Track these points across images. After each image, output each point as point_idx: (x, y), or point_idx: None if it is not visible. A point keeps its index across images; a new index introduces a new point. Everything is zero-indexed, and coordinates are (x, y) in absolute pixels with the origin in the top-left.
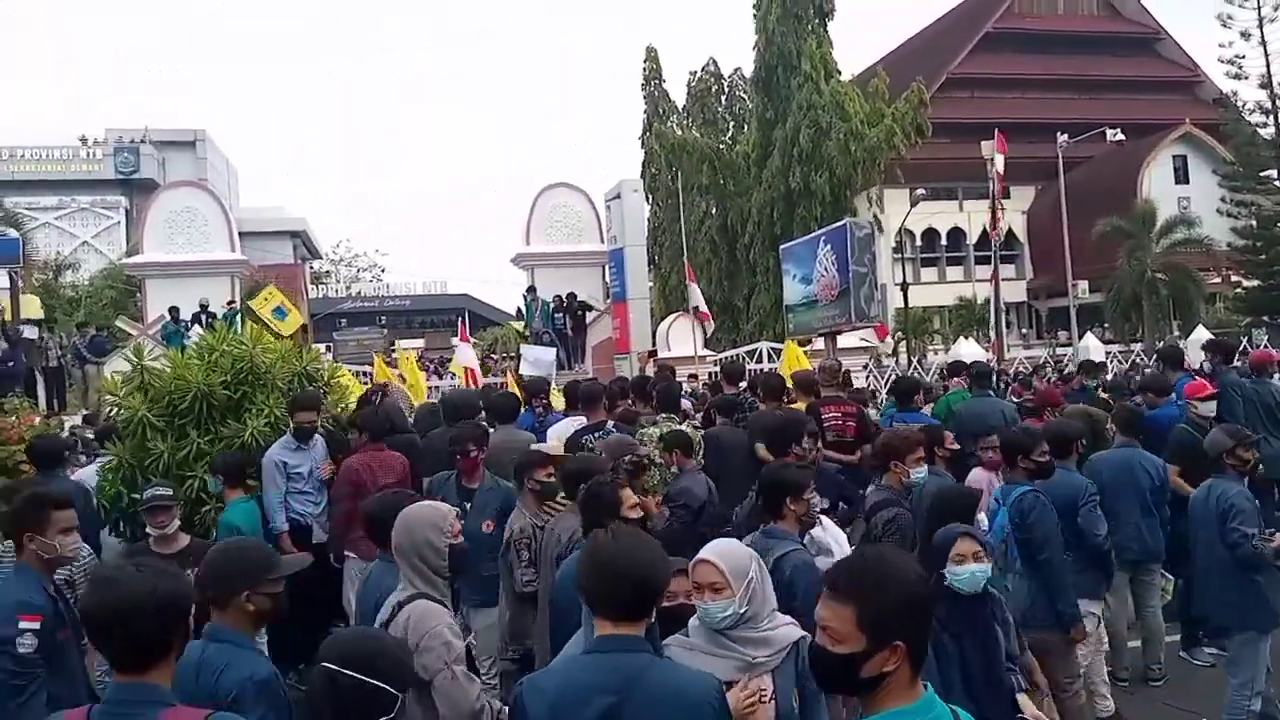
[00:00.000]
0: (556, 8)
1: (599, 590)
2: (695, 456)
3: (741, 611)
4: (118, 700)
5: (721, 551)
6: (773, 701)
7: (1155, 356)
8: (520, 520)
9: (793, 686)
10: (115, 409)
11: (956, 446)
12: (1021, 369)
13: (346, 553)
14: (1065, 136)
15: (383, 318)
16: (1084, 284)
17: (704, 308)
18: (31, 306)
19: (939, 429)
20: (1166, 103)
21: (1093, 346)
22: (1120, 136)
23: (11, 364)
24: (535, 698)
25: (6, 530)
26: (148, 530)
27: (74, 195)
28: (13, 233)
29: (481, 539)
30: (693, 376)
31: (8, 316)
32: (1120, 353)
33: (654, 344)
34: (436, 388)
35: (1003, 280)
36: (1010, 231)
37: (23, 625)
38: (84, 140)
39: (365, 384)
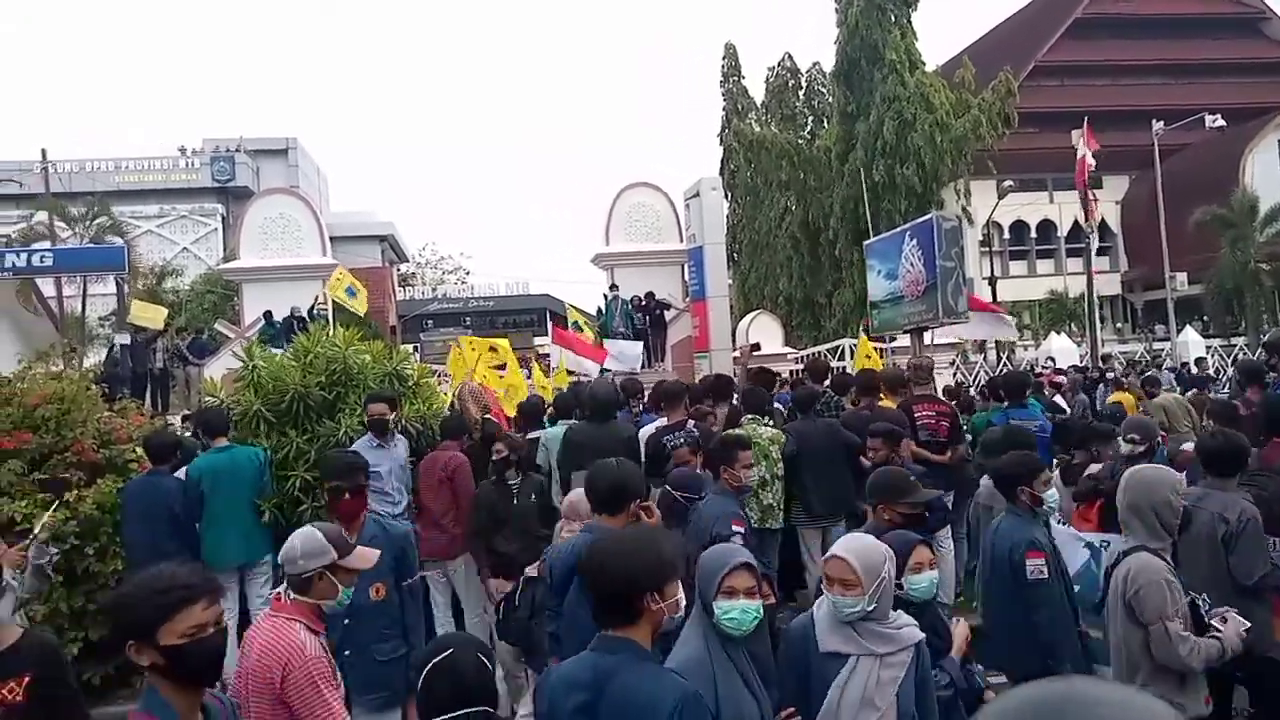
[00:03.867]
0: (636, 7)
1: (584, 594)
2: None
3: (870, 609)
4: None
5: (857, 549)
6: (894, 704)
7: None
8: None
9: (913, 687)
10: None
11: None
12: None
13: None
14: (1161, 123)
15: (467, 319)
16: (1182, 276)
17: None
18: (157, 316)
19: None
20: (1272, 85)
21: (1192, 341)
22: (1220, 122)
23: (117, 367)
24: (544, 685)
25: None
26: None
27: (174, 204)
28: (119, 241)
29: (373, 611)
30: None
31: (135, 319)
32: (1221, 347)
33: (734, 342)
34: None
35: (1096, 273)
36: (1104, 222)
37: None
38: (183, 150)
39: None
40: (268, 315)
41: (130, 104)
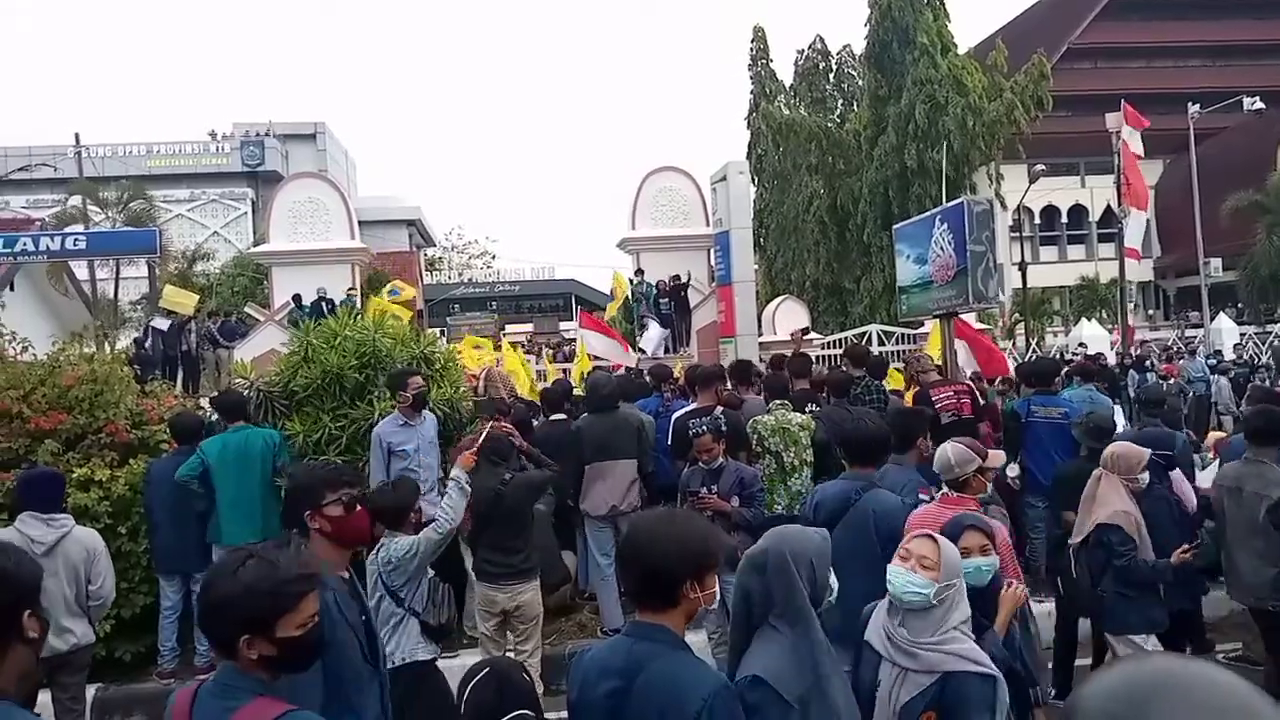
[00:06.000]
0: None
1: (621, 576)
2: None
3: (933, 602)
4: (222, 682)
5: (948, 544)
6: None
7: None
8: None
9: (922, 709)
10: (249, 390)
11: None
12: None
13: None
14: (1197, 106)
15: (493, 303)
16: (1216, 262)
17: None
18: (188, 302)
19: None
20: None
21: (1225, 328)
22: (1259, 105)
23: (142, 349)
24: (576, 670)
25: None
26: None
27: (204, 188)
28: (152, 224)
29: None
30: None
31: (164, 303)
32: (1256, 334)
33: (759, 328)
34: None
35: (1132, 256)
36: None
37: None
38: (213, 135)
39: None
40: (297, 299)
41: (161, 89)
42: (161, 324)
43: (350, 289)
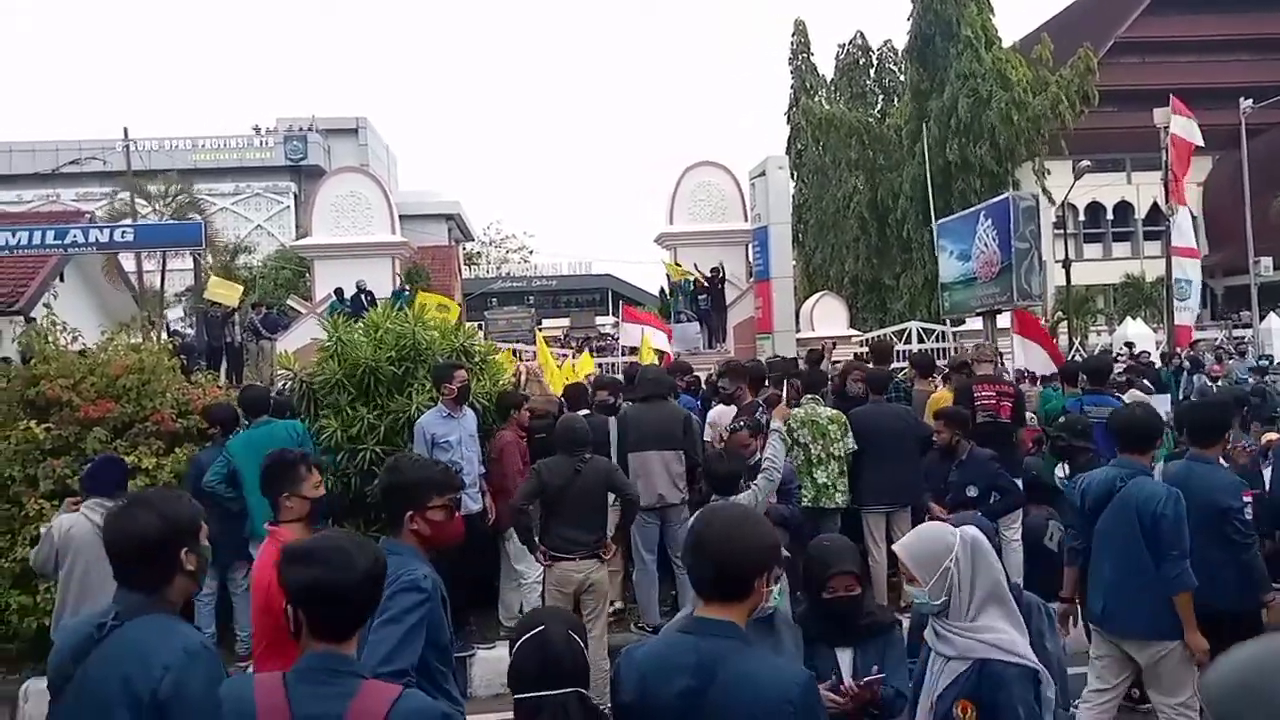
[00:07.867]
0: None
1: (692, 567)
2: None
3: (937, 602)
4: (312, 668)
5: (909, 543)
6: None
7: None
8: None
9: (955, 697)
10: (291, 381)
11: None
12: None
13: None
14: (1249, 101)
15: (530, 297)
16: (1267, 260)
17: None
18: (232, 293)
19: None
20: None
21: (1275, 329)
22: None
23: (190, 339)
24: (629, 669)
25: None
26: None
27: (249, 182)
28: (197, 218)
29: None
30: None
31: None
32: None
33: (798, 324)
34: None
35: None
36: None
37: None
38: (257, 129)
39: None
40: (339, 292)
41: (207, 85)
42: (174, 315)
43: (407, 285)
